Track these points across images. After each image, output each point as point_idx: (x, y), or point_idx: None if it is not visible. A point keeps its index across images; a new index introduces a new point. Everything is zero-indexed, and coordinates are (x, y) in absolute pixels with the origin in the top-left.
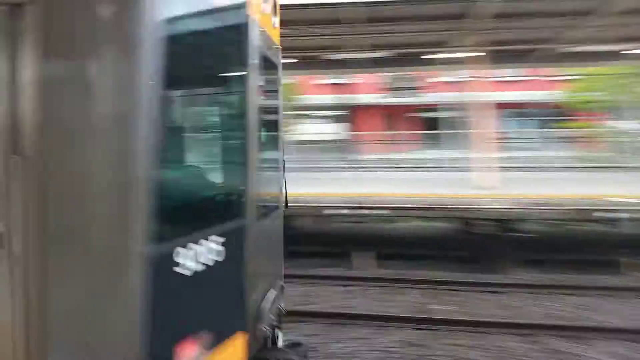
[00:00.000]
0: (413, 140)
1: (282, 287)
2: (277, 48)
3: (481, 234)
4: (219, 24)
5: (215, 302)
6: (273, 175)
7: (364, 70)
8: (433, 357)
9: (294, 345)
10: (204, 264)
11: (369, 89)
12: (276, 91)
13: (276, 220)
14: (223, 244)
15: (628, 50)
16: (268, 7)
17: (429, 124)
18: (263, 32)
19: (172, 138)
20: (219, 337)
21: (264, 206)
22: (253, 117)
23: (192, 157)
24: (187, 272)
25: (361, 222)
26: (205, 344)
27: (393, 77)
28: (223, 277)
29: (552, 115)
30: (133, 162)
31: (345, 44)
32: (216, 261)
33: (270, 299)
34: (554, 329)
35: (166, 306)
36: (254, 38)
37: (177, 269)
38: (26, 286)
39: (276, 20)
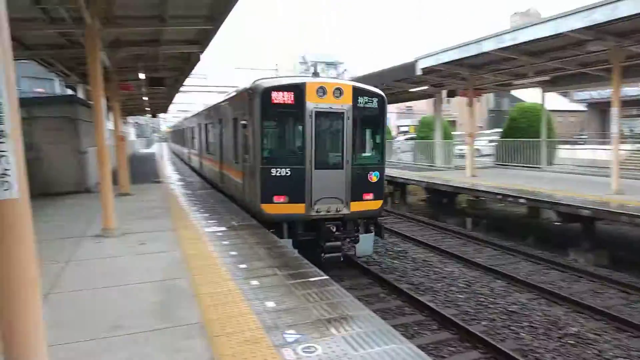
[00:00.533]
0: None
1: (343, 201)
2: (345, 98)
3: None
4: (291, 109)
5: (290, 188)
6: (335, 156)
7: None
8: None
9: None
10: (283, 175)
11: None
12: (336, 120)
13: (338, 173)
14: (290, 166)
15: None
16: (334, 86)
17: None
18: (322, 102)
19: (271, 141)
20: (292, 199)
21: (322, 164)
22: (309, 134)
23: (280, 146)
24: (275, 174)
25: None
26: (285, 200)
27: None
28: (292, 181)
29: None
30: (259, 148)
31: None
32: (288, 175)
33: (328, 202)
34: None
35: (269, 184)
36: (310, 110)
37: (272, 173)
38: (243, 177)
39: (341, 95)
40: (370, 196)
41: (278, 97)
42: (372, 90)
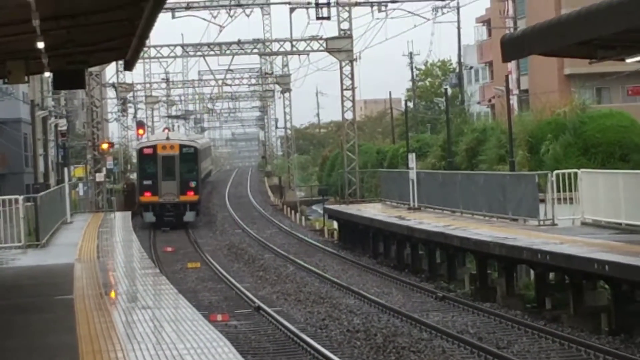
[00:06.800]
0: None
1: (176, 195)
2: (175, 149)
3: None
4: (151, 155)
5: (152, 189)
6: (172, 174)
7: None
8: None
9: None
10: (149, 180)
11: None
12: (172, 159)
13: (173, 182)
14: (152, 179)
15: None
16: (170, 144)
17: None
18: (164, 152)
19: (143, 169)
20: (153, 194)
21: (166, 178)
22: (159, 165)
23: (145, 173)
24: (145, 184)
25: None
26: (151, 194)
27: None
28: (153, 186)
29: None
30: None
31: None
32: (150, 184)
33: (168, 195)
34: None
35: (143, 187)
36: (159, 155)
37: (144, 183)
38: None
39: (173, 148)
40: (191, 193)
41: (146, 150)
42: (190, 144)
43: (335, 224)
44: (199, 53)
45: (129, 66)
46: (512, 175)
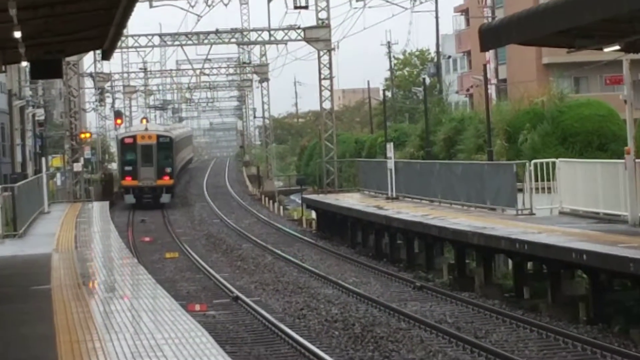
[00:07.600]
0: None
1: (154, 179)
2: (153, 138)
3: None
4: (132, 144)
5: (132, 174)
6: (150, 161)
7: None
8: None
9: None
10: (130, 166)
11: None
12: (150, 148)
13: (151, 168)
14: (132, 165)
15: None
16: (148, 135)
17: None
18: (143, 141)
19: (124, 157)
20: (133, 178)
21: (144, 164)
22: (139, 153)
23: (126, 160)
24: (126, 169)
25: None
26: (131, 178)
27: None
28: (133, 171)
29: None
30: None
31: None
32: (131, 169)
33: (146, 179)
34: None
35: (125, 172)
36: (138, 144)
37: (125, 169)
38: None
39: (151, 138)
40: (167, 177)
41: (127, 140)
42: (166, 134)
43: (313, 214)
44: (176, 43)
45: (106, 56)
46: (490, 165)
